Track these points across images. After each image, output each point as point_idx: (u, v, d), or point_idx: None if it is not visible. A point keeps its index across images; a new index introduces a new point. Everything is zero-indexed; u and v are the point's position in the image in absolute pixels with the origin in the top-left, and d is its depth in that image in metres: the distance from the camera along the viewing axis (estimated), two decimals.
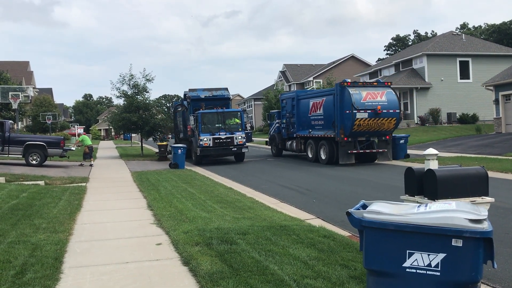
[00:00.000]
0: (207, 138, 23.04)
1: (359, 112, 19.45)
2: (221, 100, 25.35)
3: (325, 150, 21.45)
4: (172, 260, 6.35)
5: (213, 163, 24.58)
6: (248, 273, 5.51)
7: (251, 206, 10.62)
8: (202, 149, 23.07)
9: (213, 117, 23.71)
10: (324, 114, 21.83)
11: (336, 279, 5.26)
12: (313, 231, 7.69)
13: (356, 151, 20.24)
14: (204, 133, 23.12)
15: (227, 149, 23.50)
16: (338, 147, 20.41)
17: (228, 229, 7.73)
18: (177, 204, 10.71)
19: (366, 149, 20.58)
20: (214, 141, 23.12)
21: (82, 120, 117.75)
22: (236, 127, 23.74)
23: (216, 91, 25.47)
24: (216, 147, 23.23)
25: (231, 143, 23.38)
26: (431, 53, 40.76)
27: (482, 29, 73.41)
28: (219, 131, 23.32)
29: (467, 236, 3.34)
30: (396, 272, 3.54)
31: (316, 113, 22.56)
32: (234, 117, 23.97)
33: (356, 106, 19.45)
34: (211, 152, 23.35)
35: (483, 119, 39.05)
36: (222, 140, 23.27)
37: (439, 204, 3.74)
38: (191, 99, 24.94)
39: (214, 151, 23.38)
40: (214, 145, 23.13)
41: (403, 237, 3.52)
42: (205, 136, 23.06)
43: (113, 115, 30.77)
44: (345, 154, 20.24)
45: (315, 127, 22.56)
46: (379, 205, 3.87)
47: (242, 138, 23.62)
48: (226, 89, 25.85)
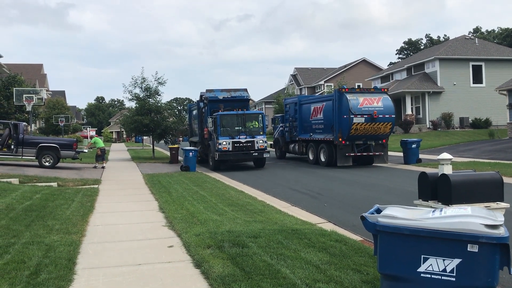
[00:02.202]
0: (226, 142, 21.51)
1: (356, 117, 20.52)
2: (240, 101, 23.73)
3: (324, 153, 22.54)
4: (184, 263, 6.36)
5: (230, 168, 23.20)
6: (260, 276, 5.51)
7: (262, 209, 10.61)
8: (221, 154, 21.51)
9: (232, 120, 22.08)
10: (324, 119, 22.87)
11: (349, 284, 5.23)
12: (325, 235, 7.66)
13: (353, 154, 21.38)
14: (223, 136, 21.60)
15: (247, 154, 21.91)
16: (336, 150, 21.54)
17: (240, 232, 7.73)
18: (189, 206, 10.73)
19: (363, 152, 21.64)
20: (234, 145, 21.58)
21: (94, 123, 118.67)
22: (257, 131, 22.15)
23: (234, 92, 23.92)
24: (236, 152, 21.70)
25: (252, 147, 21.83)
26: (443, 57, 40.49)
27: (496, 33, 72.77)
28: (239, 135, 21.76)
29: (483, 242, 3.31)
30: (411, 277, 3.52)
31: (317, 117, 23.60)
32: (255, 120, 22.39)
33: (354, 111, 20.54)
34: (230, 157, 21.77)
35: (496, 124, 38.65)
36: (242, 144, 21.70)
37: (454, 209, 3.71)
38: (209, 100, 23.39)
39: (234, 156, 21.81)
40: (234, 150, 21.63)
41: (418, 242, 3.49)
42: (224, 139, 21.54)
43: (125, 117, 30.93)
44: (343, 157, 21.37)
45: (316, 131, 23.54)
46: (393, 210, 3.85)
47: (264, 143, 22.01)
48: (245, 90, 24.30)
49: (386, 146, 21.99)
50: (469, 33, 73.22)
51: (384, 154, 21.84)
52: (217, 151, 21.65)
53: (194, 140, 27.46)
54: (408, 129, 38.91)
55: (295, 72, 73.04)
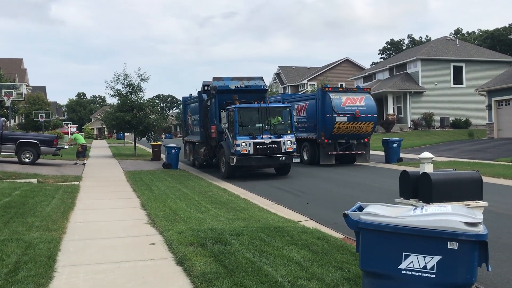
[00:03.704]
0: (247, 142, 16.63)
1: (338, 116, 20.70)
2: (255, 92, 19.10)
3: (307, 151, 22.54)
4: (166, 260, 6.33)
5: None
6: (242, 273, 5.52)
7: (245, 207, 10.63)
8: (240, 158, 16.56)
9: (253, 115, 17.36)
10: (307, 117, 22.90)
11: (330, 281, 5.28)
12: (307, 233, 7.71)
13: (336, 152, 21.45)
14: (241, 135, 16.72)
15: (273, 159, 17.04)
16: (319, 149, 21.57)
17: (222, 229, 7.73)
18: (171, 204, 10.69)
19: (346, 150, 21.75)
20: (256, 147, 16.71)
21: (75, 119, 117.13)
22: (283, 129, 17.51)
23: (248, 81, 19.28)
24: (259, 155, 16.81)
25: (278, 149, 17.02)
26: (425, 57, 40.99)
27: (476, 35, 73.95)
28: (261, 134, 16.98)
29: (462, 239, 3.37)
30: (392, 274, 3.57)
31: (300, 116, 23.50)
32: (281, 115, 17.88)
33: (336, 110, 20.70)
34: (252, 162, 16.85)
35: (476, 124, 39.30)
36: (266, 145, 16.89)
37: (435, 207, 3.77)
38: (218, 90, 18.54)
39: (256, 160, 16.88)
40: (256, 153, 16.73)
41: (399, 239, 3.54)
42: (244, 139, 16.65)
43: (107, 114, 30.63)
44: (326, 155, 21.40)
45: (299, 129, 23.21)
46: (375, 207, 3.90)
47: (292, 144, 17.35)
48: (261, 79, 19.78)
49: (368, 145, 22.14)
50: (450, 35, 74.26)
51: (366, 153, 21.99)
52: (234, 154, 16.73)
53: (192, 140, 22.66)
54: (389, 128, 39.31)
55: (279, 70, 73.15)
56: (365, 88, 23.20)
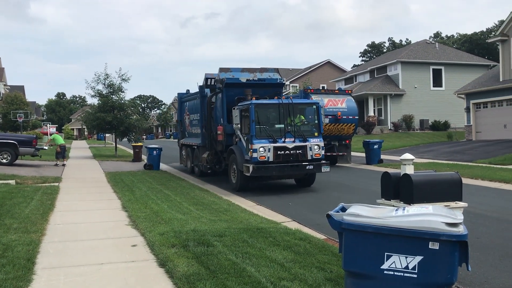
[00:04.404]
0: (265, 147, 13.51)
1: None
2: (270, 86, 16.26)
3: None
4: (148, 262, 6.28)
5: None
6: (225, 275, 5.51)
7: (228, 208, 10.62)
8: (258, 167, 13.34)
9: (273, 113, 14.31)
10: None
11: (313, 281, 5.30)
12: (290, 234, 7.74)
13: None
14: (259, 138, 13.62)
15: (297, 167, 13.80)
16: None
17: (205, 231, 7.71)
18: (153, 205, 10.61)
19: (327, 152, 21.72)
20: (276, 153, 13.56)
21: (55, 119, 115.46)
22: (309, 130, 14.41)
23: (261, 73, 16.41)
24: (280, 164, 13.60)
25: (303, 156, 13.84)
26: (405, 60, 41.50)
27: (455, 38, 75.19)
28: (283, 136, 13.77)
29: (443, 240, 3.42)
30: (374, 274, 3.60)
31: None
32: (306, 114, 14.89)
33: None
34: (272, 171, 13.57)
35: (455, 126, 39.93)
36: (289, 151, 13.73)
37: (417, 208, 3.82)
38: (226, 83, 15.56)
39: (278, 170, 13.59)
40: (276, 160, 13.58)
41: (382, 240, 3.58)
42: (262, 143, 13.51)
43: (87, 114, 30.28)
44: None
45: None
46: (358, 208, 3.93)
47: (320, 149, 14.16)
48: (276, 71, 16.86)
49: (349, 147, 22.27)
50: (430, 38, 75.34)
51: (347, 154, 22.14)
52: (249, 161, 13.63)
53: (191, 143, 19.59)
54: (370, 130, 39.69)
55: None
56: (346, 90, 23.44)
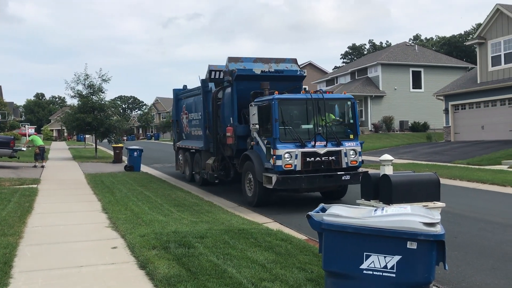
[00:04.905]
0: (292, 152, 10.83)
1: None
2: (288, 80, 13.67)
3: None
4: (128, 264, 6.23)
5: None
6: (206, 276, 5.50)
7: (209, 209, 10.60)
8: (283, 177, 10.67)
9: (301, 110, 11.71)
10: None
11: (294, 282, 5.33)
12: (271, 235, 7.76)
13: None
14: (284, 142, 10.96)
15: (331, 178, 11.16)
16: None
17: (186, 232, 7.68)
18: (133, 207, 10.52)
19: None
20: (305, 160, 10.92)
21: (34, 120, 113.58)
22: (343, 131, 11.87)
23: (277, 64, 13.81)
24: (309, 173, 10.96)
25: (337, 163, 11.30)
26: (385, 62, 41.96)
27: (434, 41, 76.30)
28: (312, 140, 11.11)
29: (421, 239, 3.48)
30: (354, 274, 3.64)
31: None
32: (338, 112, 12.10)
33: None
34: (301, 183, 10.84)
35: (434, 128, 40.51)
36: (321, 157, 11.08)
37: (395, 208, 3.88)
38: (237, 75, 12.94)
39: (308, 181, 10.88)
40: (305, 168, 10.92)
41: (361, 240, 3.62)
42: (287, 148, 10.88)
43: (67, 115, 29.87)
44: None
45: None
46: (338, 208, 3.97)
47: (357, 155, 11.65)
48: (295, 61, 14.25)
49: None
50: (410, 40, 76.30)
51: None
52: (272, 170, 10.98)
53: (190, 146, 16.83)
54: None
55: None
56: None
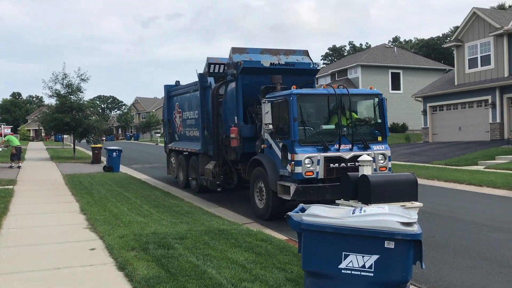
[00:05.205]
0: (313, 157, 9.28)
1: None
2: (300, 74, 11.81)
3: None
4: (106, 266, 6.16)
5: None
6: (185, 277, 5.47)
7: (189, 210, 10.55)
8: (304, 187, 9.18)
9: (322, 108, 10.12)
10: None
11: (273, 282, 5.34)
12: (251, 235, 7.77)
13: None
14: (304, 145, 9.39)
15: None
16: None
17: (165, 233, 7.63)
18: (112, 208, 10.41)
19: None
20: (328, 166, 9.37)
21: (10, 120, 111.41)
22: (370, 133, 10.27)
23: (286, 56, 12.19)
24: (333, 181, 9.32)
25: None
26: (365, 64, 42.39)
27: (413, 43, 77.35)
28: (336, 143, 9.51)
29: (399, 239, 3.53)
30: (332, 273, 3.67)
31: None
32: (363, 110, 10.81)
33: None
34: (325, 193, 9.29)
35: (412, 129, 41.07)
36: (346, 163, 9.47)
37: (373, 208, 3.92)
38: (244, 68, 11.17)
39: (333, 191, 9.12)
40: (329, 175, 9.40)
41: (340, 240, 3.66)
42: (308, 152, 9.29)
43: (44, 115, 29.40)
44: None
45: None
46: (317, 209, 3.99)
47: (386, 160, 10.06)
48: (306, 53, 12.56)
49: None
50: (389, 42, 77.26)
51: None
52: (289, 179, 9.50)
53: (185, 148, 15.23)
54: None
55: None
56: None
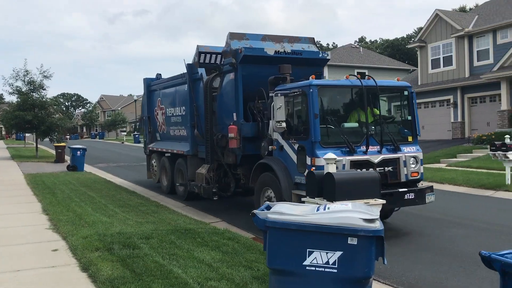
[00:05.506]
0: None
1: None
2: (308, 64, 10.48)
3: None
4: (69, 267, 6.04)
5: None
6: (151, 277, 5.42)
7: (155, 210, 10.44)
8: None
9: (345, 102, 9.17)
10: None
11: (240, 280, 5.35)
12: (218, 234, 7.76)
13: None
14: (326, 147, 7.91)
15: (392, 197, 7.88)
16: None
17: (131, 233, 7.54)
18: (76, 208, 10.20)
19: None
20: None
21: None
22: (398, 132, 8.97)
23: (291, 43, 10.77)
24: None
25: (395, 176, 8.39)
26: (331, 63, 42.83)
27: (378, 43, 78.80)
28: (363, 144, 8.18)
29: (361, 235, 3.59)
30: (297, 271, 3.70)
31: None
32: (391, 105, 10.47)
33: None
34: None
35: None
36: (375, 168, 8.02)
37: (337, 205, 3.99)
38: (245, 57, 9.67)
39: None
40: None
41: (304, 237, 3.69)
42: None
43: (5, 113, 28.62)
44: None
45: None
46: (282, 206, 4.02)
47: (418, 164, 8.61)
48: (312, 41, 11.43)
49: None
50: (355, 42, 78.43)
51: None
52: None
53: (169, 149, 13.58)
54: None
55: None
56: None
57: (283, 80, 9.18)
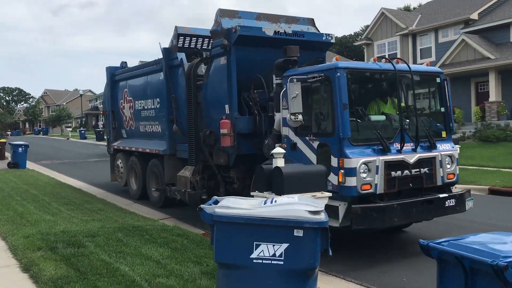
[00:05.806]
0: (370, 163, 6.42)
1: None
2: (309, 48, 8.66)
3: None
4: (9, 268, 5.81)
5: None
6: (96, 276, 5.30)
7: (102, 207, 10.20)
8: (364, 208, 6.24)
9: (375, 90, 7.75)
10: None
11: (189, 276, 5.33)
12: (167, 231, 7.69)
13: None
14: (355, 144, 6.51)
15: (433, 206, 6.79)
16: None
17: (76, 232, 7.34)
18: (17, 207, 9.80)
19: None
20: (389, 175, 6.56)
21: None
22: (431, 127, 7.55)
23: (288, 24, 9.41)
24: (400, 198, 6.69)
25: (430, 179, 6.98)
26: None
27: None
28: (397, 140, 6.77)
29: (306, 227, 3.66)
30: (244, 264, 3.72)
31: None
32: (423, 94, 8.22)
33: None
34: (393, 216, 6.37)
35: None
36: (410, 170, 6.74)
37: (284, 198, 4.04)
38: (240, 37, 8.02)
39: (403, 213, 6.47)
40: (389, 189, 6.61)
41: (251, 230, 3.72)
42: (363, 155, 6.45)
43: None
44: None
45: None
46: (229, 201, 4.03)
47: (455, 164, 7.29)
48: (312, 22, 9.89)
49: None
50: None
51: None
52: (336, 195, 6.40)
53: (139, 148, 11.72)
54: None
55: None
56: None
57: (292, 64, 7.59)
